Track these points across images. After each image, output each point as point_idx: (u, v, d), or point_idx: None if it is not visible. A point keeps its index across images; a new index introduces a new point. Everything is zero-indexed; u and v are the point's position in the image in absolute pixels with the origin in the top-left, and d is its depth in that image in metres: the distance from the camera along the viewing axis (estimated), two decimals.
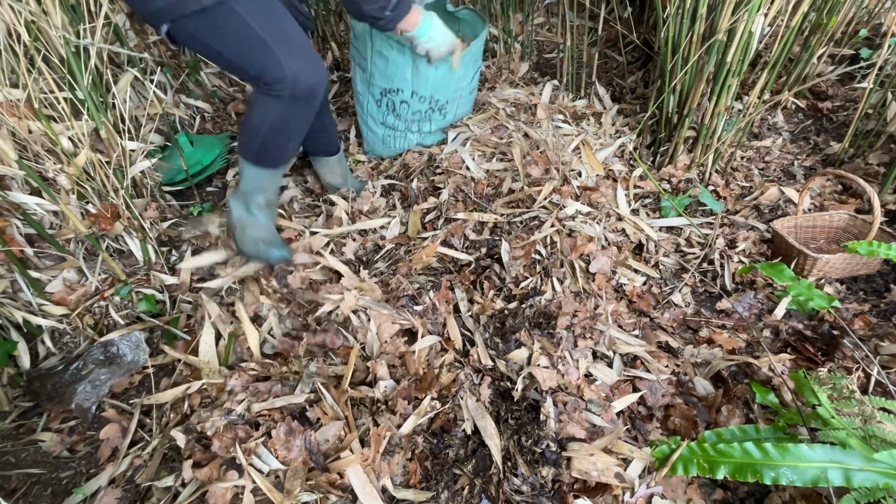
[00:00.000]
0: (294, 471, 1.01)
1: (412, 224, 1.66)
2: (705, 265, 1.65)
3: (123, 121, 1.48)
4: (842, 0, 1.93)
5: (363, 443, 1.06)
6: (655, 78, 2.10)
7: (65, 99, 1.27)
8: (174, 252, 1.65)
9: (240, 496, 0.98)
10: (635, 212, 1.79)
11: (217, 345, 1.33)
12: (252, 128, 1.36)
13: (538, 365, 1.23)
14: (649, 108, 1.96)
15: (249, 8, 1.13)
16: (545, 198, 1.69)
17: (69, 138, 1.31)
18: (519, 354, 1.27)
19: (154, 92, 1.85)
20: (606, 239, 1.63)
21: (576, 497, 1.04)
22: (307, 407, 1.12)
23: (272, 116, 1.31)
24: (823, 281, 1.55)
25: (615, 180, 1.87)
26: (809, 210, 1.80)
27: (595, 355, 1.31)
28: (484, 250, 1.57)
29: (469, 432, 1.14)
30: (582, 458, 1.07)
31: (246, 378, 1.19)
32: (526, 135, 1.95)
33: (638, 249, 1.68)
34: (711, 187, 1.93)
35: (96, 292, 1.41)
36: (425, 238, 1.63)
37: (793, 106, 2.27)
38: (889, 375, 1.22)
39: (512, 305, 1.41)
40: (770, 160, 2.04)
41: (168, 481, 1.06)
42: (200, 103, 2.26)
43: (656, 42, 1.99)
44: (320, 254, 1.53)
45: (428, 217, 1.72)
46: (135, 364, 1.33)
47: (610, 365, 1.29)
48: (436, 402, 1.16)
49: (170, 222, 1.66)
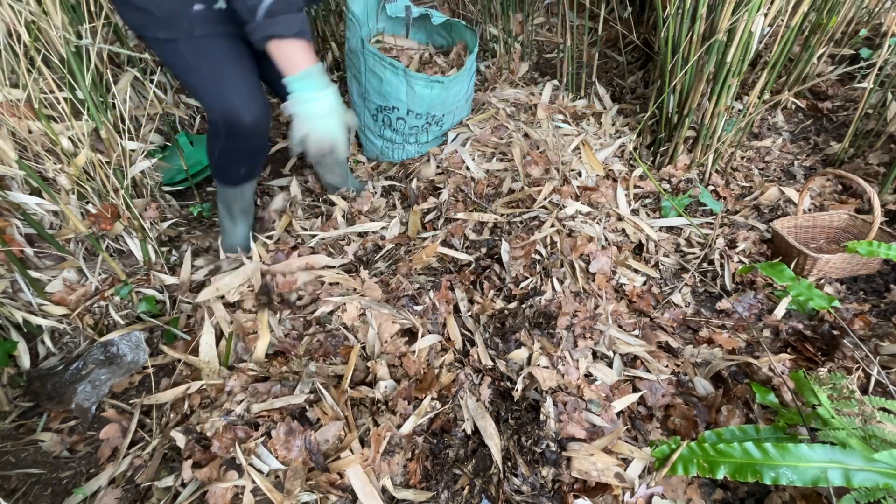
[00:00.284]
0: (294, 471, 1.01)
1: (412, 224, 1.66)
2: (705, 265, 1.65)
3: (123, 121, 1.48)
4: (842, 0, 1.93)
5: (363, 443, 1.06)
6: (655, 78, 2.10)
7: (65, 99, 1.27)
8: (174, 252, 1.65)
9: (240, 496, 0.98)
10: (635, 212, 1.79)
11: (217, 345, 1.33)
12: (208, 151, 1.45)
13: (538, 365, 1.23)
14: (649, 108, 1.96)
15: (194, 49, 1.15)
16: (545, 198, 1.69)
17: (69, 138, 1.31)
18: (519, 354, 1.27)
19: (154, 92, 1.85)
20: (606, 239, 1.63)
21: (576, 497, 1.04)
22: (307, 407, 1.12)
23: (217, 148, 1.39)
24: (823, 281, 1.55)
25: (615, 180, 1.87)
26: (809, 210, 1.80)
27: (595, 355, 1.31)
28: (484, 250, 1.57)
29: (469, 432, 1.14)
30: (582, 458, 1.07)
31: (245, 379, 1.19)
32: (526, 135, 1.95)
33: (638, 249, 1.68)
34: (711, 187, 1.93)
35: (96, 292, 1.41)
36: (425, 238, 1.63)
37: (793, 106, 2.27)
38: (889, 375, 1.22)
39: (512, 305, 1.41)
40: (770, 160, 2.04)
41: (168, 481, 1.06)
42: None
43: (656, 42, 1.99)
44: (321, 269, 1.51)
45: (428, 217, 1.72)
46: (135, 364, 1.33)
47: (610, 365, 1.29)
48: (436, 403, 1.16)
49: (170, 222, 1.66)
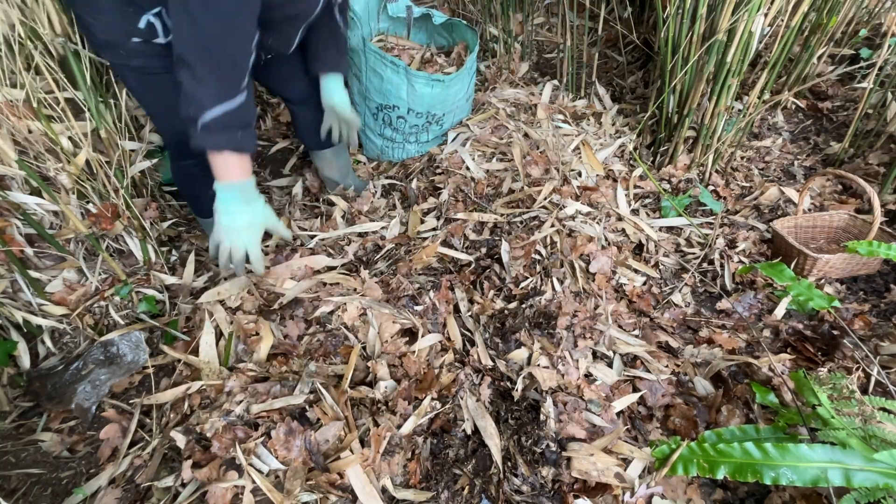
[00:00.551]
0: (294, 471, 1.01)
1: (412, 224, 1.66)
2: (705, 265, 1.65)
3: (123, 120, 1.48)
4: (842, 0, 1.93)
5: (363, 443, 1.06)
6: (655, 78, 2.10)
7: (65, 99, 1.27)
8: (174, 252, 1.65)
9: (240, 496, 0.98)
10: (635, 212, 1.79)
11: (217, 345, 1.33)
12: (173, 176, 1.51)
13: (538, 365, 1.23)
14: (649, 108, 1.96)
15: (137, 77, 1.18)
16: (545, 198, 1.69)
17: (69, 138, 1.30)
18: (519, 354, 1.27)
19: None
20: (606, 239, 1.63)
21: (576, 497, 1.04)
22: (307, 407, 1.12)
23: (177, 171, 1.45)
24: (823, 281, 1.55)
25: (615, 180, 1.87)
26: (809, 210, 1.80)
27: (595, 355, 1.31)
28: (484, 250, 1.57)
29: (469, 432, 1.14)
30: (582, 458, 1.07)
31: (245, 379, 1.19)
32: (526, 135, 1.95)
33: (638, 249, 1.68)
34: (711, 187, 1.93)
35: (96, 292, 1.41)
36: (425, 238, 1.63)
37: (793, 106, 2.27)
38: (889, 375, 1.23)
39: (512, 305, 1.41)
40: (770, 160, 2.04)
41: (168, 481, 1.06)
42: None
43: (656, 42, 1.99)
44: (319, 272, 1.50)
45: (428, 217, 1.72)
46: (135, 364, 1.33)
47: (610, 365, 1.29)
48: (436, 403, 1.16)
49: (170, 222, 1.66)
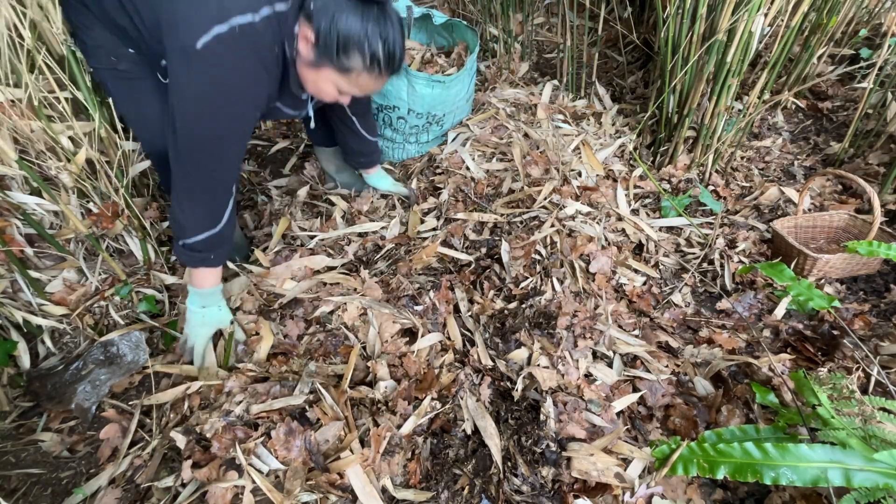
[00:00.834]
0: (294, 471, 1.01)
1: (412, 224, 1.66)
2: (705, 265, 1.65)
3: (123, 121, 1.48)
4: (842, 0, 1.93)
5: (363, 443, 1.06)
6: (655, 78, 2.10)
7: (66, 99, 1.27)
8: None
9: (240, 496, 0.98)
10: (635, 212, 1.79)
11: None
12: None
13: (538, 365, 1.23)
14: (649, 108, 1.96)
15: (117, 83, 1.23)
16: (545, 198, 1.69)
17: (69, 138, 1.30)
18: (519, 354, 1.27)
19: None
20: (606, 239, 1.63)
21: (576, 497, 1.04)
22: (307, 407, 1.12)
23: (167, 183, 1.47)
24: (823, 281, 1.55)
25: (615, 180, 1.87)
26: (809, 210, 1.80)
27: (595, 355, 1.31)
28: (484, 250, 1.57)
29: (469, 432, 1.14)
30: (582, 458, 1.07)
31: (245, 380, 1.19)
32: (526, 135, 1.95)
33: (638, 249, 1.68)
34: (711, 187, 1.93)
35: (96, 292, 1.41)
36: (425, 238, 1.63)
37: (793, 106, 2.27)
38: (889, 375, 1.23)
39: (512, 305, 1.41)
40: (770, 160, 2.04)
41: (168, 481, 1.06)
42: None
43: (656, 42, 1.99)
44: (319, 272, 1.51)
45: (428, 217, 1.72)
46: (135, 364, 1.33)
47: (610, 365, 1.29)
48: (436, 403, 1.16)
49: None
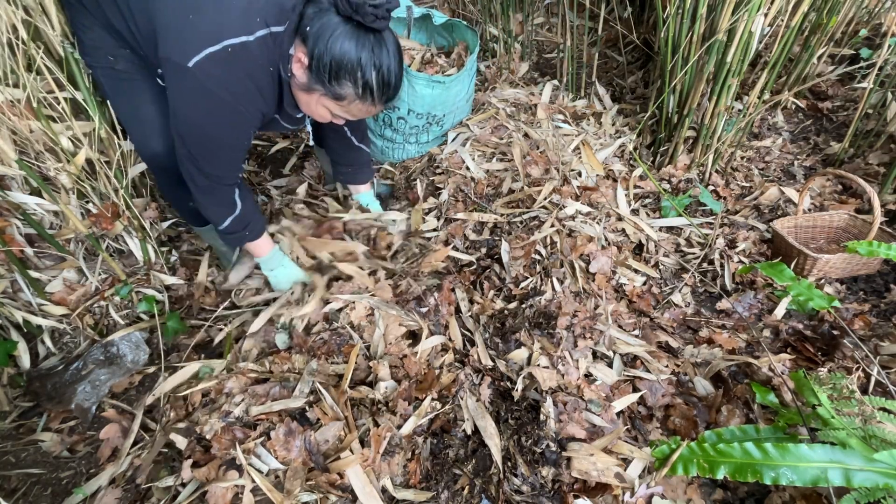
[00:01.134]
0: (294, 471, 1.01)
1: (414, 223, 1.66)
2: (705, 265, 1.65)
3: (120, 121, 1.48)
4: (842, 0, 1.93)
5: (363, 443, 1.06)
6: (655, 78, 2.10)
7: (65, 99, 1.27)
8: (174, 252, 1.65)
9: (240, 496, 0.98)
10: (635, 212, 1.79)
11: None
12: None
13: (538, 365, 1.23)
14: (649, 108, 1.96)
15: (113, 82, 1.23)
16: (545, 198, 1.69)
17: (69, 138, 1.30)
18: (519, 354, 1.27)
19: None
20: (606, 239, 1.63)
21: (576, 497, 1.04)
22: (307, 407, 1.12)
23: (163, 187, 1.50)
24: (823, 281, 1.55)
25: (615, 180, 1.87)
26: (809, 210, 1.80)
27: (595, 355, 1.31)
28: (484, 250, 1.57)
29: (469, 432, 1.14)
30: (582, 458, 1.07)
31: (245, 381, 1.19)
32: (526, 135, 1.95)
33: (638, 249, 1.68)
34: (711, 187, 1.93)
35: (96, 292, 1.41)
36: (429, 238, 1.62)
37: (793, 106, 2.27)
38: (889, 375, 1.23)
39: (512, 305, 1.40)
40: (770, 160, 2.04)
41: (168, 481, 1.06)
42: None
43: (656, 42, 1.99)
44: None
45: (428, 217, 1.71)
46: (135, 364, 1.33)
47: (610, 365, 1.29)
48: (436, 403, 1.16)
49: (170, 222, 1.66)
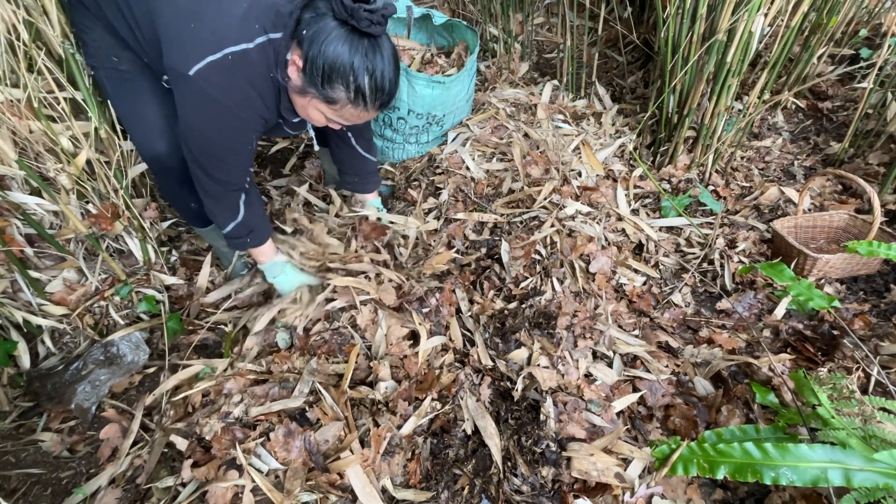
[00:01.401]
0: (294, 471, 1.01)
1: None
2: (705, 265, 1.65)
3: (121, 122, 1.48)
4: (842, 0, 1.93)
5: (363, 443, 1.06)
6: (655, 78, 2.10)
7: (65, 99, 1.27)
8: (174, 252, 1.65)
9: (240, 496, 0.98)
10: (635, 212, 1.79)
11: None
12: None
13: (538, 365, 1.23)
14: (649, 108, 1.96)
15: (115, 82, 1.23)
16: (545, 198, 1.69)
17: (69, 138, 1.31)
18: (519, 354, 1.27)
19: None
20: (606, 239, 1.63)
21: (576, 497, 1.04)
22: (307, 407, 1.12)
23: (163, 188, 1.48)
24: (823, 281, 1.55)
25: (615, 180, 1.87)
26: (809, 210, 1.80)
27: (595, 355, 1.31)
28: (484, 250, 1.57)
29: (469, 432, 1.14)
30: (582, 458, 1.07)
31: (244, 382, 1.19)
32: (526, 135, 1.95)
33: (638, 249, 1.68)
34: (711, 187, 1.93)
35: (96, 292, 1.41)
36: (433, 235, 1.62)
37: (793, 106, 2.27)
38: (889, 375, 1.22)
39: (512, 305, 1.40)
40: (770, 160, 2.04)
41: (168, 481, 1.06)
42: None
43: (656, 42, 1.99)
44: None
45: (428, 217, 1.71)
46: (135, 364, 1.33)
47: (610, 365, 1.29)
48: (436, 403, 1.16)
49: (169, 222, 1.66)
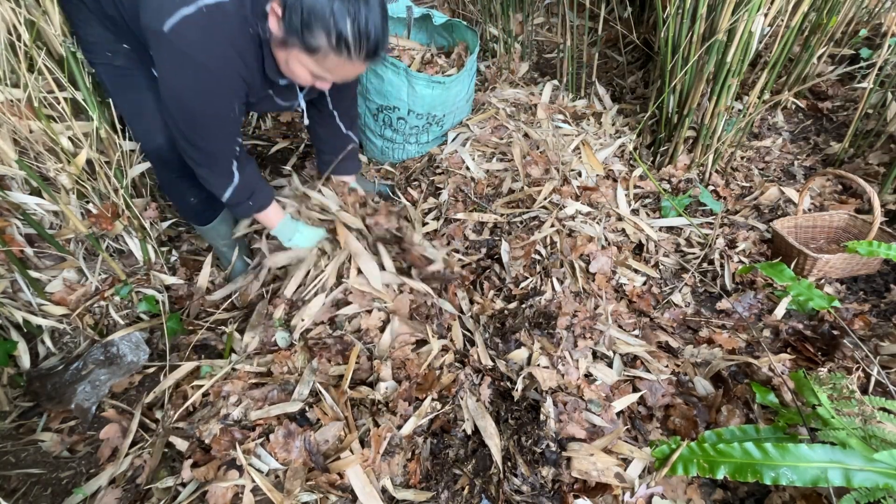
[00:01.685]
0: (294, 471, 1.01)
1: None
2: (705, 265, 1.65)
3: (122, 119, 1.48)
4: (842, 0, 1.93)
5: (363, 443, 1.06)
6: (655, 78, 2.10)
7: (65, 99, 1.27)
8: (174, 252, 1.65)
9: (240, 496, 0.98)
10: (635, 212, 1.79)
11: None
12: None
13: (538, 365, 1.23)
14: (649, 108, 1.96)
15: (113, 78, 1.21)
16: (545, 198, 1.69)
17: (69, 138, 1.31)
18: (519, 354, 1.27)
19: None
20: (606, 239, 1.63)
21: (576, 497, 1.04)
22: (307, 408, 1.12)
23: (164, 185, 1.46)
24: (823, 281, 1.55)
25: (615, 180, 1.87)
26: (809, 210, 1.80)
27: (595, 355, 1.31)
28: (484, 250, 1.57)
29: (469, 432, 1.14)
30: (582, 458, 1.07)
31: (242, 384, 1.19)
32: (526, 135, 1.95)
33: (638, 249, 1.68)
34: (711, 187, 1.93)
35: (96, 292, 1.41)
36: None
37: (793, 106, 2.27)
38: (889, 375, 1.22)
39: (512, 305, 1.40)
40: (770, 160, 2.04)
41: (168, 481, 1.06)
42: None
43: (656, 42, 1.99)
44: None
45: (428, 217, 1.72)
46: (135, 364, 1.33)
47: (610, 365, 1.29)
48: (436, 403, 1.16)
49: (170, 222, 1.66)
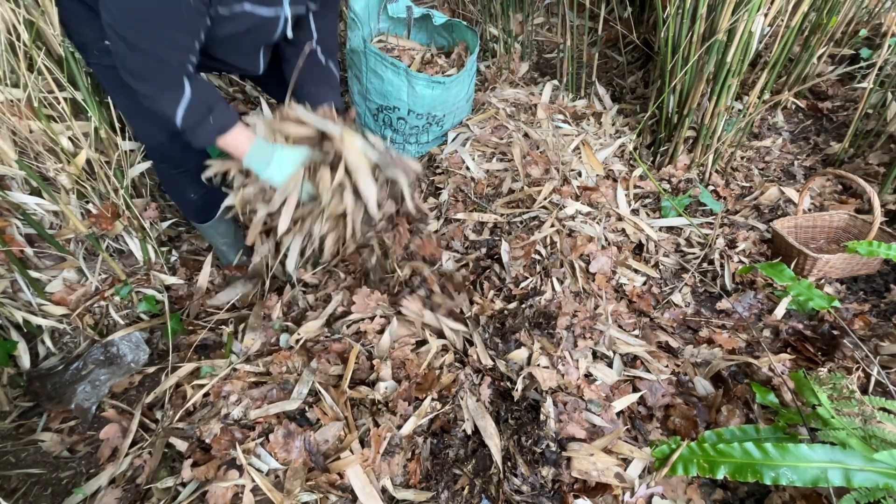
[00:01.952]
0: (294, 471, 1.01)
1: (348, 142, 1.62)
2: (705, 265, 1.65)
3: (123, 121, 1.48)
4: (842, 0, 1.93)
5: (363, 443, 1.06)
6: (655, 78, 2.10)
7: (65, 99, 1.27)
8: (174, 252, 1.65)
9: (240, 496, 0.98)
10: (635, 212, 1.79)
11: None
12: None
13: (538, 365, 1.23)
14: (649, 108, 1.96)
15: (106, 76, 1.19)
16: (545, 198, 1.69)
17: (69, 138, 1.31)
18: (519, 354, 1.27)
19: None
20: (606, 239, 1.63)
21: (576, 497, 1.04)
22: (307, 407, 1.12)
23: (163, 181, 1.46)
24: (823, 281, 1.55)
25: (615, 180, 1.87)
26: (809, 210, 1.80)
27: (595, 355, 1.31)
28: (484, 250, 1.57)
29: (469, 432, 1.14)
30: (582, 458, 1.07)
31: (242, 384, 1.19)
32: (526, 135, 1.95)
33: (638, 249, 1.68)
34: (711, 187, 1.93)
35: (96, 292, 1.41)
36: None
37: (793, 106, 2.27)
38: (889, 375, 1.22)
39: (512, 305, 1.40)
40: (770, 160, 2.04)
41: (168, 481, 1.06)
42: None
43: (656, 42, 1.99)
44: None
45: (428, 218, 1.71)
46: (135, 364, 1.33)
47: (610, 365, 1.29)
48: (436, 403, 1.16)
49: (170, 222, 1.66)
